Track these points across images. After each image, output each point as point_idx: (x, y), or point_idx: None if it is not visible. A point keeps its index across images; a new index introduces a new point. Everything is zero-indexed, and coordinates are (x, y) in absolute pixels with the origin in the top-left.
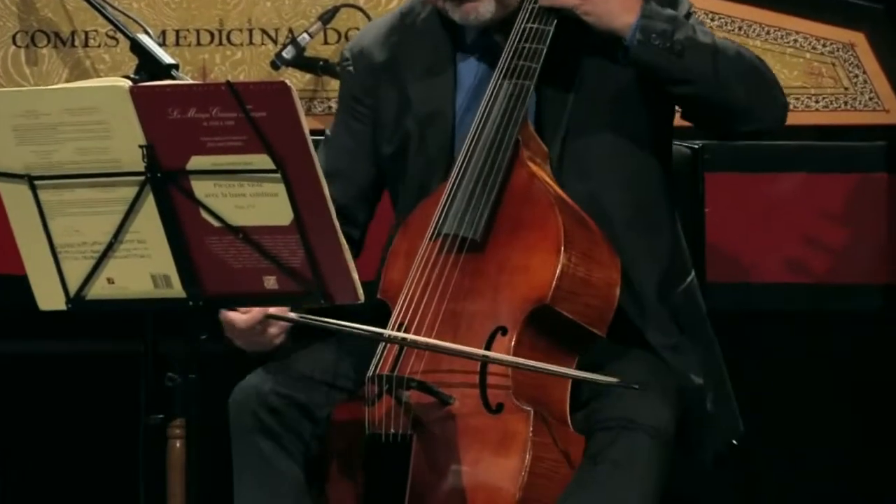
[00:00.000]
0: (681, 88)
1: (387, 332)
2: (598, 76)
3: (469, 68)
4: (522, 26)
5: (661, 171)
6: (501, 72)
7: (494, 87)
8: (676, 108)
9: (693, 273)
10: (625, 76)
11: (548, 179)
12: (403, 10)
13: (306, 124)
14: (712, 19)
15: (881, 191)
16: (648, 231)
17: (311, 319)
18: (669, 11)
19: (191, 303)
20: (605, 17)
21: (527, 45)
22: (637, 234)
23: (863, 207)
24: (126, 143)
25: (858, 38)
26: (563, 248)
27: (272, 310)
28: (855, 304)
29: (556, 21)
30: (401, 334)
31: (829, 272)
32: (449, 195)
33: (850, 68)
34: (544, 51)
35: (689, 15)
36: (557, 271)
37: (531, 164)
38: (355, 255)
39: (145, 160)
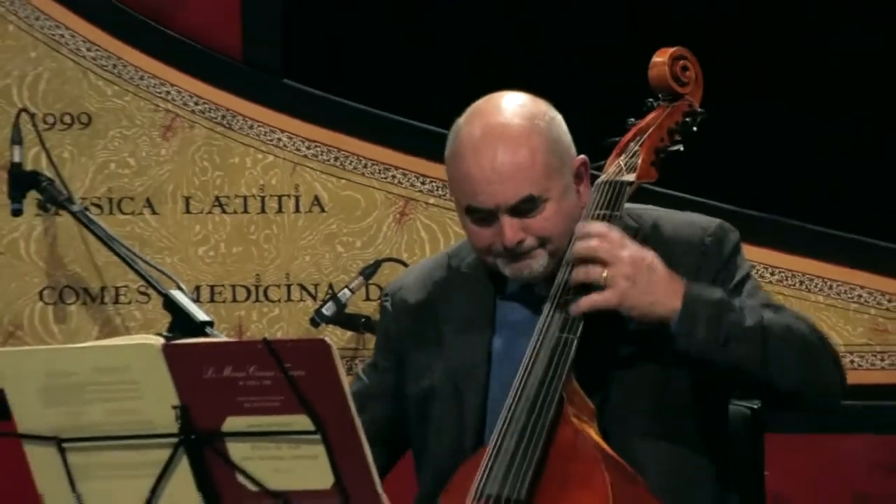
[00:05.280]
0: (724, 373)
1: None
2: (640, 336)
3: (510, 318)
4: (565, 278)
5: (705, 436)
6: (544, 325)
7: (538, 341)
8: None
9: None
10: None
11: (594, 435)
12: (450, 252)
13: (347, 384)
14: (772, 273)
15: None
16: (683, 500)
17: None
18: (716, 294)
19: None
20: (648, 307)
21: (570, 298)
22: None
23: None
24: (158, 404)
25: None
26: None
27: None
28: None
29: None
30: None
31: None
32: (491, 455)
33: None
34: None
35: (746, 278)
36: None
37: (576, 421)
38: None
39: (179, 422)
